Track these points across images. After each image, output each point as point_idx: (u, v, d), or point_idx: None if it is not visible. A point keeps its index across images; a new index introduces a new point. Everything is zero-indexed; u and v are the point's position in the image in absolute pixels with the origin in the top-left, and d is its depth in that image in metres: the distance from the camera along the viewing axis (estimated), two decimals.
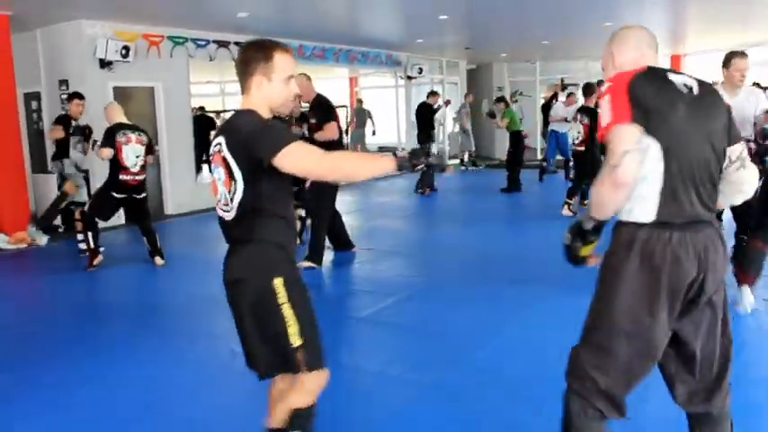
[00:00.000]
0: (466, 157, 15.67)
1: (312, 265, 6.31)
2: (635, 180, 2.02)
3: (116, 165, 6.70)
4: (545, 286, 5.41)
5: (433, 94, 12.57)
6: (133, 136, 6.82)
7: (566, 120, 11.77)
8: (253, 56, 2.35)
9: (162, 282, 6.40)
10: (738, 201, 2.38)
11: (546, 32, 12.96)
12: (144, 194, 6.96)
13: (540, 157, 15.68)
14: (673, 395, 2.35)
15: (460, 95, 16.97)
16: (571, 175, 12.13)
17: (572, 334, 3.33)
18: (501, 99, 13.41)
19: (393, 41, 13.64)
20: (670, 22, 12.58)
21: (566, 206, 8.80)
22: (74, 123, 7.75)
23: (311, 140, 5.94)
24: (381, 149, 14.10)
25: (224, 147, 2.29)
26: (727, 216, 5.45)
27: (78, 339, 4.67)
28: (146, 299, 5.84)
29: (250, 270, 2.31)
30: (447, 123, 16.81)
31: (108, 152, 6.62)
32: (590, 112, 8.59)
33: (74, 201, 7.68)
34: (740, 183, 2.28)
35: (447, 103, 15.86)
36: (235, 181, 2.27)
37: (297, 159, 2.18)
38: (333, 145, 5.96)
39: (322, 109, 6.23)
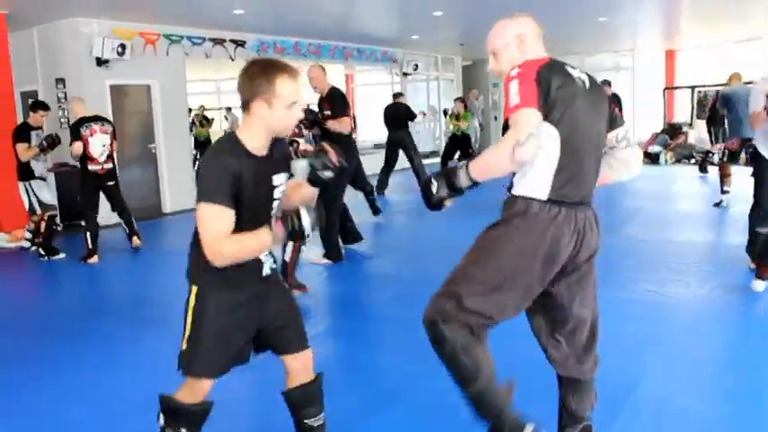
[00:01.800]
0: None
1: (329, 261, 6.34)
2: (529, 161, 2.17)
3: (84, 157, 7.00)
4: None
5: (399, 95, 11.99)
6: (96, 127, 7.09)
7: None
8: (255, 79, 2.22)
9: (158, 276, 6.45)
10: (626, 177, 2.61)
11: (540, 28, 12.99)
12: (114, 182, 7.31)
13: None
14: (548, 358, 2.57)
15: (456, 92, 17.01)
16: None
17: None
18: (461, 99, 13.51)
19: (388, 38, 13.68)
20: (664, 17, 12.65)
21: None
22: (35, 133, 7.33)
23: (324, 132, 6.03)
24: (377, 147, 14.10)
25: None
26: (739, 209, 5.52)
27: (79, 332, 4.71)
28: (143, 293, 5.87)
29: (187, 272, 2.40)
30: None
31: (78, 146, 6.91)
32: None
33: (43, 203, 7.40)
34: (628, 160, 2.54)
35: (423, 114, 15.63)
36: None
37: (200, 218, 2.18)
38: (343, 139, 6.01)
39: (338, 101, 6.23)
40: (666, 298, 4.93)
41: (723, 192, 8.66)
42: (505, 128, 2.23)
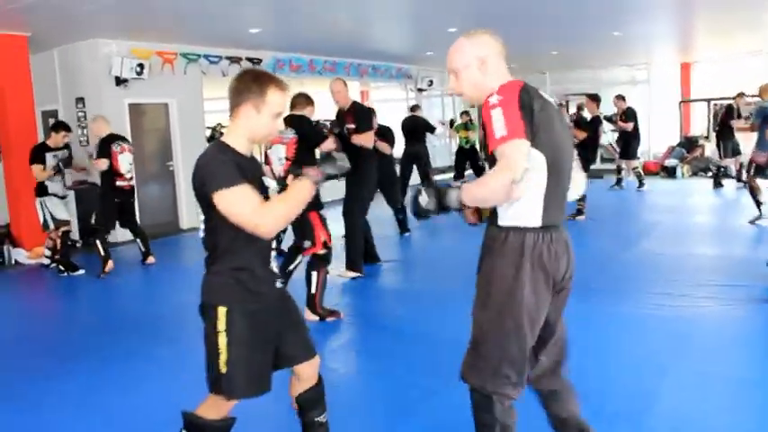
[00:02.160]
0: None
1: (356, 274, 6.37)
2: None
3: (111, 173, 7.28)
4: None
5: (416, 107, 11.82)
6: (126, 146, 7.45)
7: None
8: (248, 85, 2.37)
9: (174, 293, 6.49)
10: (573, 197, 2.57)
11: (555, 43, 13.03)
12: (134, 198, 7.76)
13: None
14: (528, 379, 2.50)
15: (471, 107, 17.00)
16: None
17: (589, 338, 3.38)
18: (466, 113, 13.54)
19: (403, 54, 13.75)
20: (679, 31, 12.63)
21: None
22: (53, 154, 7.40)
23: (346, 144, 5.93)
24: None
25: (192, 181, 2.38)
26: None
27: (97, 348, 4.76)
28: (160, 310, 5.91)
29: (204, 296, 2.45)
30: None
31: (104, 163, 7.21)
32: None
33: (57, 219, 7.47)
34: (577, 180, 2.53)
35: (442, 124, 15.53)
36: (200, 214, 2.42)
37: (230, 204, 2.25)
38: (365, 153, 6.08)
39: (363, 115, 6.25)
40: (686, 312, 4.90)
41: (758, 205, 8.27)
42: (491, 160, 2.20)
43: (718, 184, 12.17)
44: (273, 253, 2.55)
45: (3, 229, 8.83)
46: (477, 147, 13.23)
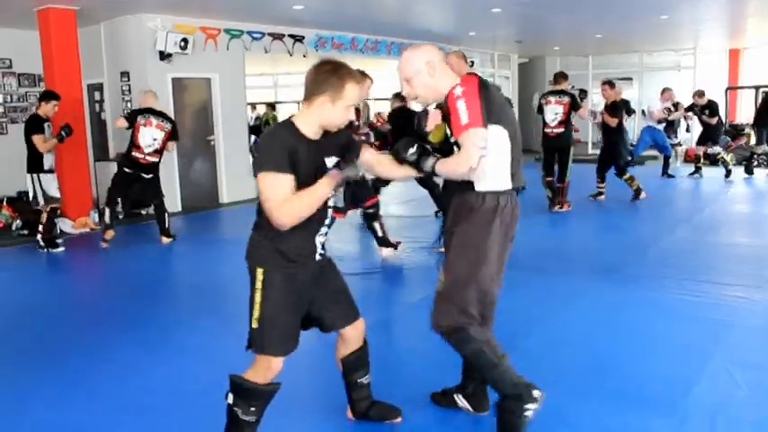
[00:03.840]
0: None
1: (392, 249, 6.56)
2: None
3: (131, 143, 7.25)
4: (583, 279, 5.44)
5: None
6: (155, 120, 7.32)
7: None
8: (327, 77, 2.46)
9: (215, 265, 6.60)
10: None
11: (600, 26, 12.81)
12: (152, 176, 7.41)
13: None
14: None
15: (512, 89, 16.88)
16: (669, 171, 12.13)
17: (609, 324, 3.38)
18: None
19: (445, 34, 13.64)
20: (729, 15, 12.30)
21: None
22: (46, 125, 7.25)
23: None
24: None
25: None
26: None
27: (140, 317, 4.88)
28: (200, 280, 6.01)
29: (248, 256, 2.61)
30: None
31: (121, 122, 7.27)
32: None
33: (48, 196, 7.30)
34: None
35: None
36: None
37: (263, 187, 2.40)
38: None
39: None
40: (727, 301, 4.83)
41: None
42: (456, 144, 2.65)
43: (749, 171, 11.92)
44: (325, 230, 2.64)
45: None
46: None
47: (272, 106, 17.49)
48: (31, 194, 7.38)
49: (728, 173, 11.83)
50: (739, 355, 3.84)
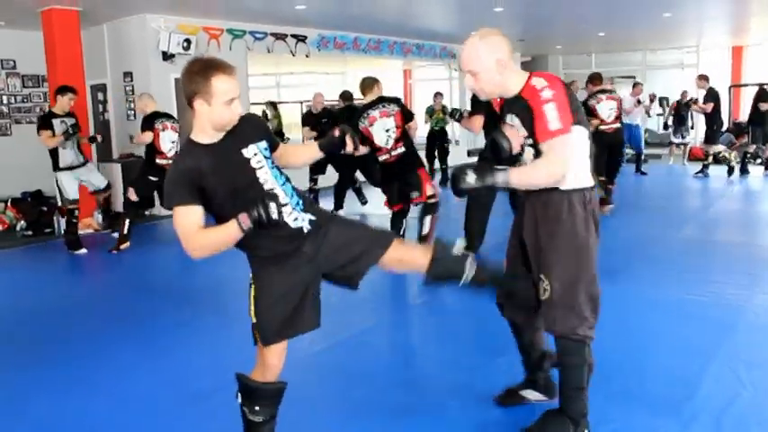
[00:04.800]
0: None
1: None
2: None
3: (153, 150, 7.19)
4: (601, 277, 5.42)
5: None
6: (169, 123, 7.30)
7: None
8: (192, 78, 2.34)
9: (214, 266, 6.58)
10: None
11: (602, 24, 12.80)
12: None
13: None
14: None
15: None
16: (642, 168, 12.10)
17: (614, 323, 3.36)
18: (440, 94, 13.24)
19: (447, 33, 13.65)
20: (732, 13, 12.28)
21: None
22: (60, 120, 7.12)
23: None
24: None
25: None
26: None
27: (143, 317, 4.89)
28: (205, 282, 6.02)
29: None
30: None
31: (149, 136, 7.14)
32: None
33: (65, 197, 7.29)
34: None
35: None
36: None
37: (175, 221, 2.36)
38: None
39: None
40: (731, 299, 4.82)
41: None
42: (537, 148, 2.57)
43: (744, 171, 11.86)
44: (288, 207, 2.46)
45: (53, 200, 9.06)
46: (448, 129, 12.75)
47: (273, 105, 17.42)
48: (57, 195, 7.41)
49: (731, 171, 11.78)
50: (744, 354, 3.82)
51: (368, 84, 6.17)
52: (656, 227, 7.64)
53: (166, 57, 9.55)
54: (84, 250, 7.37)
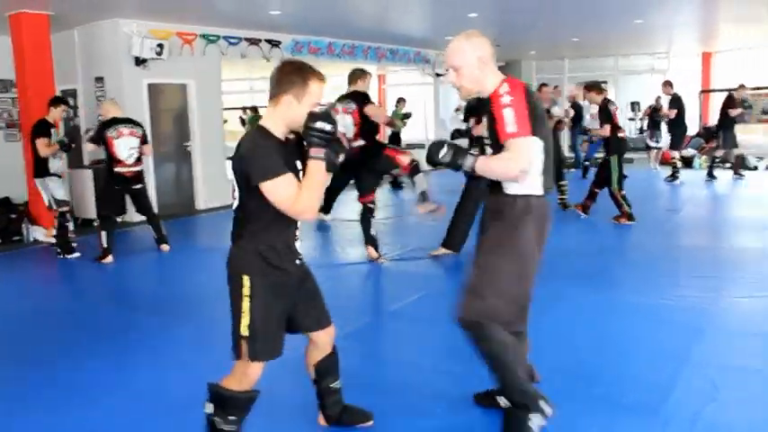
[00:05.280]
0: None
1: (448, 251, 6.59)
2: None
3: (110, 158, 7.03)
4: (566, 283, 5.46)
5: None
6: (125, 130, 7.10)
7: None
8: (291, 76, 2.51)
9: (191, 273, 6.54)
10: None
11: (576, 30, 12.91)
12: (141, 185, 7.27)
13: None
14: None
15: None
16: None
17: (591, 328, 3.36)
18: (403, 99, 13.26)
19: (421, 39, 13.68)
20: (702, 20, 12.47)
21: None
22: (53, 130, 7.20)
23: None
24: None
25: (232, 162, 2.55)
26: None
27: (117, 327, 4.82)
28: (179, 290, 5.96)
29: (230, 267, 2.61)
30: None
31: (92, 147, 7.05)
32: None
33: (57, 199, 7.23)
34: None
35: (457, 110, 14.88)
36: (235, 190, 2.55)
37: (276, 194, 2.43)
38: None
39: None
40: (707, 304, 4.87)
41: None
42: (497, 145, 2.73)
43: (711, 176, 12.00)
44: (298, 232, 2.69)
45: (22, 207, 8.92)
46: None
47: (254, 109, 17.33)
48: (45, 200, 7.29)
49: (674, 177, 11.85)
50: (717, 358, 3.87)
51: (350, 76, 6.40)
52: (632, 231, 7.72)
53: (139, 62, 9.46)
54: (77, 254, 7.28)
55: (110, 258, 7.01)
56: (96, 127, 7.22)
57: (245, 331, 2.53)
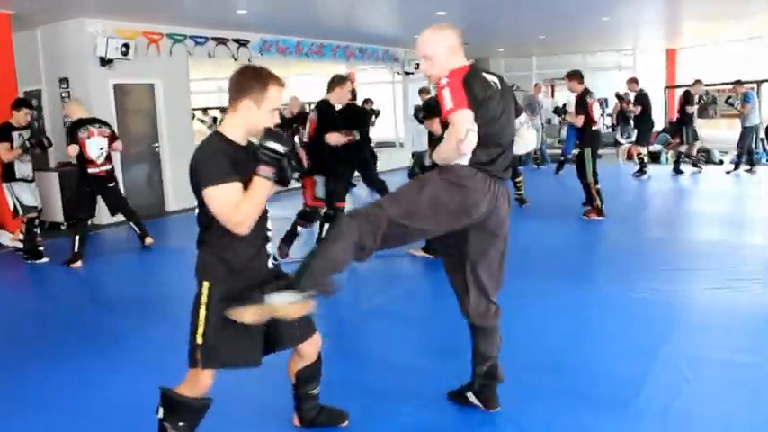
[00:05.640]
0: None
1: (428, 256, 6.48)
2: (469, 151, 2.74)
3: (82, 159, 6.98)
4: (538, 280, 5.51)
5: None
6: (95, 130, 7.07)
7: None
8: (251, 81, 2.48)
9: (163, 274, 6.48)
10: (523, 150, 3.27)
11: (543, 28, 13.02)
12: (113, 183, 7.29)
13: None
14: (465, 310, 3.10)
15: None
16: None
17: (563, 323, 3.37)
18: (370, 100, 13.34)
19: (390, 37, 13.68)
20: (667, 16, 12.66)
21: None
22: (18, 134, 7.01)
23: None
24: (380, 145, 14.09)
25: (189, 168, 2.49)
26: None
27: (83, 330, 4.74)
28: (149, 291, 5.89)
29: (196, 270, 2.58)
30: None
31: (74, 149, 6.89)
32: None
33: (24, 205, 7.10)
34: (525, 138, 3.17)
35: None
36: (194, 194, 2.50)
37: (213, 201, 2.39)
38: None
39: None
40: (677, 298, 4.95)
41: None
42: (444, 126, 2.90)
43: (677, 171, 12.18)
44: (270, 233, 2.67)
45: None
46: None
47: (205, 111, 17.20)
48: (11, 205, 7.14)
49: (641, 169, 11.98)
50: (687, 351, 3.93)
51: (329, 83, 6.28)
52: (602, 226, 7.80)
53: (104, 62, 9.33)
54: (45, 259, 7.19)
55: (79, 263, 6.92)
56: (67, 129, 7.10)
57: (199, 339, 2.50)
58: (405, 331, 4.56)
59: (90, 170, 7.00)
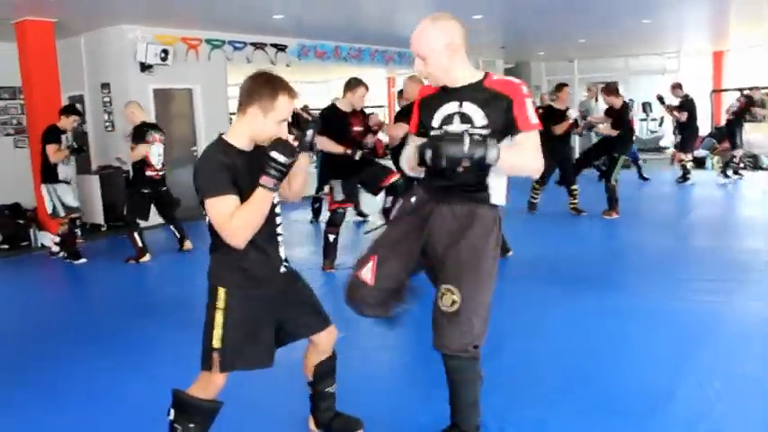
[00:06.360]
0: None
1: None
2: None
3: (143, 163, 7.14)
4: (568, 287, 5.40)
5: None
6: (157, 135, 7.26)
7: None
8: (261, 88, 2.41)
9: (196, 278, 6.51)
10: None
11: (582, 31, 12.82)
12: (166, 187, 7.50)
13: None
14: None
15: None
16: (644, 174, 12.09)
17: (605, 332, 3.29)
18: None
19: None
20: (711, 18, 12.35)
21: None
22: (64, 137, 7.27)
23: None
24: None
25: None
26: None
27: (114, 332, 4.81)
28: (180, 295, 5.92)
29: (209, 277, 2.59)
30: None
31: (143, 149, 7.07)
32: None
33: (67, 206, 7.32)
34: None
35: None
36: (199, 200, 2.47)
37: (211, 211, 2.39)
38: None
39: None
40: (705, 307, 4.80)
41: None
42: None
43: (726, 175, 11.84)
44: (281, 238, 2.65)
45: (30, 212, 8.97)
46: None
47: None
48: (49, 207, 7.31)
49: (684, 176, 11.73)
50: (717, 364, 3.80)
51: (345, 85, 6.17)
52: (636, 233, 7.64)
53: (144, 68, 9.49)
54: (84, 260, 7.35)
55: (147, 257, 7.20)
56: (132, 131, 7.25)
57: (216, 343, 2.50)
58: (381, 360, 4.49)
59: (148, 173, 7.21)
